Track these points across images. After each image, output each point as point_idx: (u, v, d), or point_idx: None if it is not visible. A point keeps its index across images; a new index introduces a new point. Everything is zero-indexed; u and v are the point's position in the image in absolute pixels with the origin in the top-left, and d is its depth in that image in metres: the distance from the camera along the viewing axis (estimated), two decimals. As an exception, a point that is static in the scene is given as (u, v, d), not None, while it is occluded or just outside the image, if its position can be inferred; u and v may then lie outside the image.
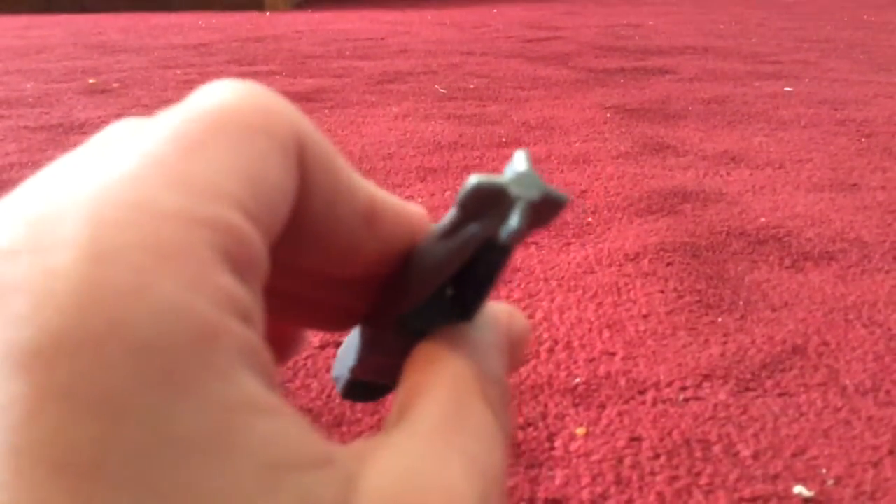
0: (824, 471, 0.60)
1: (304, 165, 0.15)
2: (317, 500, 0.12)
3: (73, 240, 0.11)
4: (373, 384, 0.20)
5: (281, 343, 0.21)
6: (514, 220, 0.15)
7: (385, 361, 0.18)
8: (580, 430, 0.65)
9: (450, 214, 0.16)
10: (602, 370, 0.74)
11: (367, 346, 0.20)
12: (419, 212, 0.18)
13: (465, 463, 0.14)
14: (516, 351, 0.19)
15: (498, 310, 0.19)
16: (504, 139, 1.54)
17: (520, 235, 0.15)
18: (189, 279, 0.11)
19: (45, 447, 0.10)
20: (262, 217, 0.13)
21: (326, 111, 1.78)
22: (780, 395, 0.70)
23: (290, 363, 0.75)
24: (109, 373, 0.10)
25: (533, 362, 0.75)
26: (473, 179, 0.15)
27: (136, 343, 0.11)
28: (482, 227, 0.16)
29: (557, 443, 0.64)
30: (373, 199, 0.17)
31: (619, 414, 0.68)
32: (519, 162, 0.15)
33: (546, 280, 0.93)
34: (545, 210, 0.15)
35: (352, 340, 0.20)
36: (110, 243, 0.11)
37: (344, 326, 0.20)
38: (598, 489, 0.59)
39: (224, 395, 0.11)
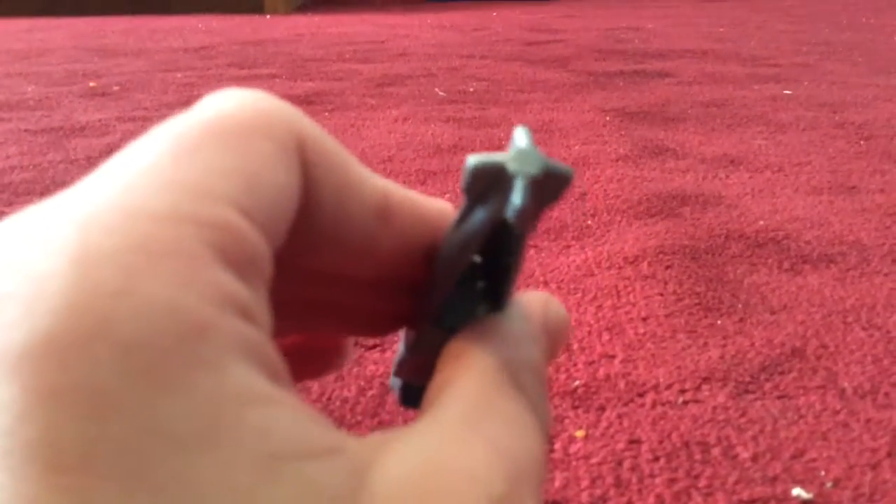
0: (823, 473, 0.61)
1: (306, 164, 0.15)
2: (322, 488, 0.12)
3: (61, 246, 0.11)
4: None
5: (325, 352, 0.21)
6: (516, 198, 0.14)
7: (424, 361, 0.17)
8: (579, 433, 0.66)
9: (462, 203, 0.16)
10: (601, 373, 0.74)
11: (408, 348, 0.19)
12: (440, 206, 0.18)
13: (491, 448, 0.14)
14: (554, 338, 0.18)
15: (532, 298, 0.18)
16: (504, 142, 1.54)
17: (525, 213, 0.14)
18: (177, 277, 0.12)
19: (36, 447, 0.10)
20: (260, 214, 0.13)
21: (326, 114, 1.79)
22: (778, 397, 0.70)
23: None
24: (96, 372, 0.11)
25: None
26: (472, 160, 0.15)
27: (122, 342, 0.11)
28: (488, 210, 0.15)
29: (557, 445, 0.64)
30: (386, 195, 0.17)
31: (619, 416, 0.68)
32: (519, 139, 0.15)
33: (545, 282, 0.94)
34: (550, 186, 0.15)
35: (400, 345, 0.20)
36: (97, 246, 0.11)
37: (386, 331, 0.20)
38: (598, 491, 0.59)
39: (213, 388, 0.11)
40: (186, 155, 0.13)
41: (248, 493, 0.11)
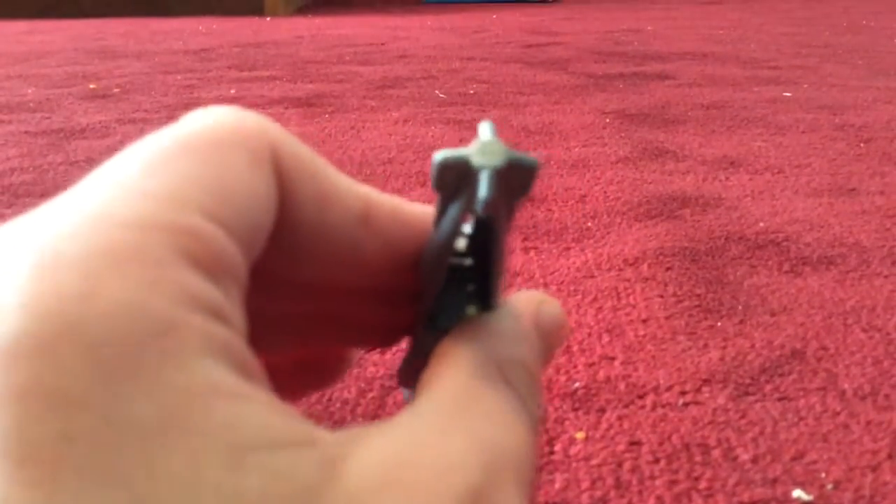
0: (823, 475, 0.61)
1: (282, 174, 0.15)
2: (291, 478, 0.12)
3: (28, 253, 0.12)
4: None
5: (328, 363, 0.21)
6: (482, 191, 0.14)
7: (420, 366, 0.18)
8: (580, 435, 0.66)
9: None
10: (601, 374, 0.74)
11: (409, 353, 0.20)
12: (422, 210, 0.18)
13: (470, 440, 0.14)
14: (548, 336, 0.18)
15: (526, 297, 0.18)
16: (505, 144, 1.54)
17: (491, 205, 0.14)
18: (142, 279, 0.12)
19: (8, 444, 0.11)
20: (232, 223, 0.14)
21: (327, 116, 1.79)
22: (779, 399, 0.70)
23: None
24: (62, 371, 0.11)
25: (533, 367, 0.75)
26: (437, 156, 0.15)
27: (87, 342, 0.11)
28: (460, 205, 0.15)
29: (557, 447, 0.64)
30: (367, 202, 0.17)
31: (619, 418, 0.68)
32: (483, 132, 0.15)
33: (545, 284, 0.94)
34: (517, 177, 0.15)
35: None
36: (63, 253, 0.12)
37: (392, 340, 0.20)
38: (598, 493, 0.59)
39: (180, 382, 0.12)
40: (157, 167, 0.14)
41: (213, 482, 0.11)
